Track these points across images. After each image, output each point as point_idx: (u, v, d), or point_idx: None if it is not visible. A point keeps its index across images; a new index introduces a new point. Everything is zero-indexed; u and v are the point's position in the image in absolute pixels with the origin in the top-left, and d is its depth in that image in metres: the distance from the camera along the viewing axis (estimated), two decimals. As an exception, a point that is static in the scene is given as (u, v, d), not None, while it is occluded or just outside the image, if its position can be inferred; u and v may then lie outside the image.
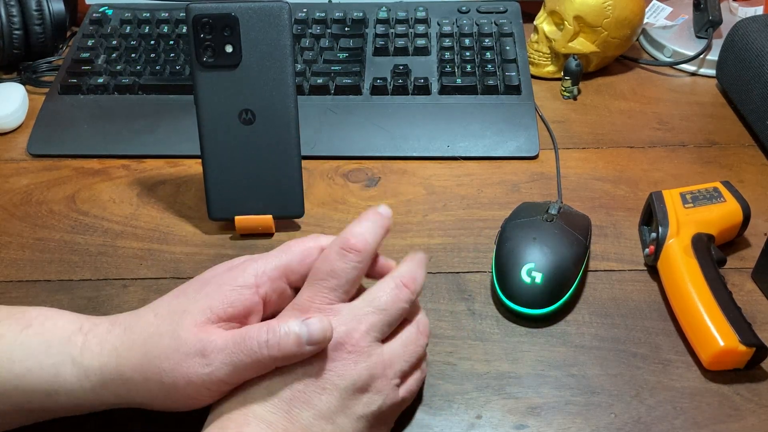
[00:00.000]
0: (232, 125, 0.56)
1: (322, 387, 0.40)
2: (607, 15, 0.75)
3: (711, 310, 0.49)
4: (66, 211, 0.64)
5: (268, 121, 0.56)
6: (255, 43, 0.54)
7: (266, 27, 0.54)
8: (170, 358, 0.40)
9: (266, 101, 0.55)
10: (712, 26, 0.81)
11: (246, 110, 0.56)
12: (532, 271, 0.53)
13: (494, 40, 0.78)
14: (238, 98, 0.55)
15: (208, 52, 0.54)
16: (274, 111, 0.56)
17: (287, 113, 0.56)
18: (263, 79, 0.55)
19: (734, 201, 0.57)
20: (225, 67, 0.54)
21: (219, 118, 0.56)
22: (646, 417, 0.47)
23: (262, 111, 0.56)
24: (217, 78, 0.55)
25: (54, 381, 0.41)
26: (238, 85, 0.55)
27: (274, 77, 0.55)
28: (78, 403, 0.42)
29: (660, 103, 0.77)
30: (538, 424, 0.47)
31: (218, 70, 0.54)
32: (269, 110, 0.56)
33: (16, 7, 0.79)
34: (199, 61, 0.54)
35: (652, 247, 0.56)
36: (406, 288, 0.44)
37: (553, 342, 0.52)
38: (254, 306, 0.42)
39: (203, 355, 0.39)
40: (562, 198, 0.64)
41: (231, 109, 0.56)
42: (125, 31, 0.80)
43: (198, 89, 0.55)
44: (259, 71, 0.55)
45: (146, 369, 0.40)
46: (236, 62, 0.54)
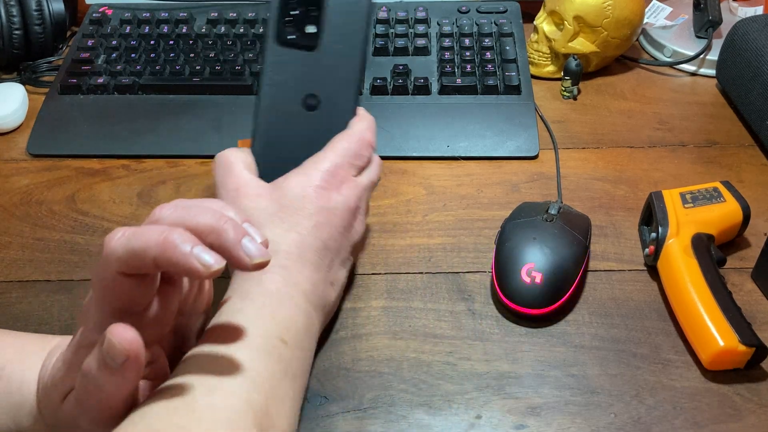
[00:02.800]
0: (293, 108, 0.52)
1: (347, 239, 0.50)
2: (607, 15, 0.75)
3: (711, 310, 0.49)
4: (66, 211, 0.64)
5: (328, 110, 0.52)
6: (335, 28, 0.51)
7: (347, 15, 0.52)
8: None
9: (332, 90, 0.52)
10: (712, 26, 0.81)
11: (311, 95, 0.52)
12: (532, 271, 0.53)
13: (494, 40, 0.78)
14: (307, 82, 0.52)
15: (289, 29, 0.51)
16: (336, 102, 0.52)
17: (348, 106, 0.53)
18: (335, 66, 0.52)
19: (734, 201, 0.57)
20: (302, 47, 0.51)
21: (282, 99, 0.52)
22: (646, 417, 0.47)
23: (327, 99, 0.52)
24: (291, 57, 0.51)
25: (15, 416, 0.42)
26: (310, 68, 0.52)
27: (345, 67, 0.52)
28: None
29: (660, 103, 0.77)
30: (538, 424, 0.47)
31: (294, 49, 0.51)
32: (333, 100, 0.52)
33: (16, 7, 0.79)
34: (280, 37, 0.51)
35: (652, 247, 0.56)
36: (379, 161, 0.54)
37: (553, 342, 0.52)
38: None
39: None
40: (562, 198, 0.64)
41: (297, 91, 0.52)
42: (125, 31, 0.80)
43: (267, 66, 0.51)
44: (333, 58, 0.52)
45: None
46: (314, 44, 0.51)
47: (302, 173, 0.49)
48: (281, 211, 0.48)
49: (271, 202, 0.48)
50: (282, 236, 0.47)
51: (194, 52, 0.77)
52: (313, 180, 0.49)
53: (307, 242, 0.47)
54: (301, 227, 0.47)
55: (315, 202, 0.48)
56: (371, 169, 0.53)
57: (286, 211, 0.48)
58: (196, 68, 0.74)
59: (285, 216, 0.48)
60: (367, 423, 0.47)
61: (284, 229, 0.47)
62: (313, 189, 0.48)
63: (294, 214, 0.48)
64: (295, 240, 0.47)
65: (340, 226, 0.49)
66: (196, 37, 0.79)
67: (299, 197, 0.48)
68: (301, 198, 0.48)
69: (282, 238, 0.47)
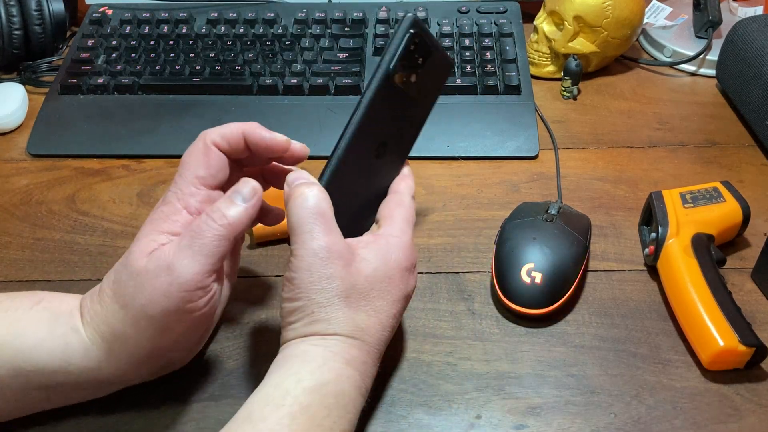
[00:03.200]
0: (367, 150, 0.48)
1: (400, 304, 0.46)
2: (607, 15, 0.75)
3: (711, 310, 0.49)
4: (66, 211, 0.64)
5: (389, 161, 0.50)
6: (426, 84, 0.49)
7: (436, 74, 0.50)
8: (141, 290, 0.41)
9: (397, 144, 0.50)
10: (712, 26, 0.81)
11: (384, 143, 0.48)
12: (531, 271, 0.53)
13: (494, 40, 0.78)
14: (390, 126, 0.49)
15: (404, 68, 0.47)
16: (397, 153, 0.50)
17: (402, 159, 0.51)
18: (412, 117, 0.50)
19: (734, 201, 0.57)
20: (404, 93, 0.48)
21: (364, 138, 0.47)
22: (646, 417, 0.47)
23: (390, 151, 0.49)
24: (391, 98, 0.48)
25: (64, 350, 0.43)
26: (398, 114, 0.49)
27: (414, 123, 0.50)
28: (90, 375, 0.44)
29: (660, 103, 0.77)
30: (538, 424, 0.47)
31: (397, 91, 0.48)
32: (395, 151, 0.50)
33: (16, 7, 0.79)
34: (390, 71, 0.46)
35: (651, 247, 0.56)
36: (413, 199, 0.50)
37: (553, 342, 0.52)
38: (184, 217, 0.45)
39: (166, 268, 0.41)
40: (562, 198, 0.64)
41: (378, 135, 0.48)
42: (125, 31, 0.80)
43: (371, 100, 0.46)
44: (415, 114, 0.50)
45: (130, 314, 0.42)
46: (413, 94, 0.48)
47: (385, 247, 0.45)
48: (369, 291, 0.44)
49: (360, 277, 0.44)
50: (366, 321, 0.44)
51: (194, 52, 0.77)
52: (398, 259, 0.45)
53: (386, 335, 0.45)
54: (383, 315, 0.44)
55: (398, 286, 0.45)
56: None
57: (372, 293, 0.44)
58: (196, 68, 0.74)
59: (371, 298, 0.44)
60: (367, 423, 0.47)
61: (368, 313, 0.44)
62: (398, 270, 0.45)
63: (378, 298, 0.44)
64: (377, 331, 0.44)
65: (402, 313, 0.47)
66: (196, 37, 0.79)
67: (384, 279, 0.45)
68: (386, 281, 0.45)
69: (367, 324, 0.44)
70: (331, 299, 0.43)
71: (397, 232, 0.46)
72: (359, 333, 0.43)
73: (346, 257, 0.43)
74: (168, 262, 0.41)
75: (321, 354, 0.42)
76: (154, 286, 0.41)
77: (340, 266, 0.43)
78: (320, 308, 0.42)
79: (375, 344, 0.44)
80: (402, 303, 0.46)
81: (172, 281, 0.41)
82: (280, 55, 0.76)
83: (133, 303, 0.42)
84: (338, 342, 0.42)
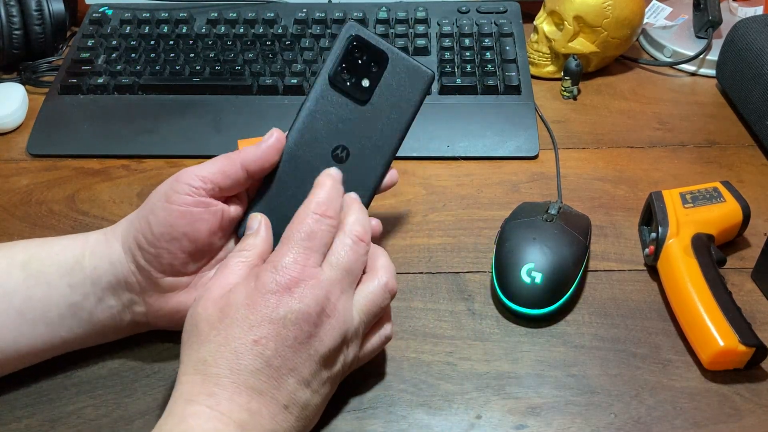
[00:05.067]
0: (321, 154, 0.50)
1: (308, 353, 0.42)
2: (607, 15, 0.75)
3: (711, 310, 0.49)
4: (66, 211, 0.64)
5: (354, 171, 0.50)
6: (388, 91, 0.50)
7: (405, 84, 0.50)
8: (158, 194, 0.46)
9: (366, 153, 0.50)
10: (712, 26, 0.81)
11: (344, 148, 0.50)
12: (531, 271, 0.53)
13: (494, 40, 0.78)
14: (344, 133, 0.50)
15: (345, 74, 0.49)
16: (365, 165, 0.50)
17: (375, 175, 0.50)
18: (376, 130, 0.50)
19: (734, 201, 0.57)
20: (350, 97, 0.50)
21: (313, 141, 0.50)
22: (646, 417, 0.47)
23: (356, 159, 0.50)
24: (336, 103, 0.50)
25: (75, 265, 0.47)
26: (350, 119, 0.50)
27: (385, 135, 0.50)
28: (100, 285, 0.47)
29: (660, 103, 0.77)
30: (538, 424, 0.47)
31: (342, 96, 0.50)
32: (362, 163, 0.50)
33: (16, 7, 0.79)
34: (333, 78, 0.49)
35: (651, 247, 0.56)
36: (362, 242, 0.46)
37: (553, 342, 0.52)
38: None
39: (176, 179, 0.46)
40: (562, 198, 0.64)
41: (331, 139, 0.50)
42: (125, 31, 0.80)
43: (311, 102, 0.50)
44: (377, 121, 0.50)
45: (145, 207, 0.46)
46: (364, 99, 0.50)
47: (252, 275, 0.43)
48: (221, 321, 0.41)
49: (216, 309, 0.42)
50: (214, 353, 0.41)
51: (194, 52, 0.77)
52: (261, 283, 0.42)
53: (243, 363, 0.40)
54: (237, 343, 0.40)
55: (259, 311, 0.41)
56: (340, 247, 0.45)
57: (224, 322, 0.41)
58: (196, 68, 0.74)
59: (222, 328, 0.41)
60: (367, 423, 0.47)
61: (218, 343, 0.41)
62: (260, 295, 0.41)
63: (232, 325, 0.41)
64: (228, 360, 0.40)
65: (291, 338, 0.41)
66: (196, 37, 0.79)
67: (243, 305, 0.41)
68: (245, 306, 0.41)
69: (213, 356, 0.40)
70: (186, 337, 0.43)
71: (275, 255, 0.43)
72: (202, 367, 0.40)
73: (208, 293, 0.43)
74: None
75: (169, 405, 0.40)
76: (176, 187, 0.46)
77: (198, 305, 0.43)
78: (181, 349, 0.43)
79: (225, 374, 0.40)
80: (266, 327, 0.41)
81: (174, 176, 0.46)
82: (280, 55, 0.76)
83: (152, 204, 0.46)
84: (182, 384, 0.41)
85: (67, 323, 0.47)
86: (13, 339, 0.46)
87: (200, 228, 0.46)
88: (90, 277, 0.47)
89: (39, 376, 0.50)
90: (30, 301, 0.46)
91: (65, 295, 0.47)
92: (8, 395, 0.49)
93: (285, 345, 0.41)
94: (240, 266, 0.44)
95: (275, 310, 0.41)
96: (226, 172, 0.46)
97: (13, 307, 0.46)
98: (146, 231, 0.45)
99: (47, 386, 0.49)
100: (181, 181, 0.46)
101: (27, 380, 0.49)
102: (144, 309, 0.48)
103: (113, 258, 0.47)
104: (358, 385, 0.49)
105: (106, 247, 0.47)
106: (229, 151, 0.48)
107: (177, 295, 0.47)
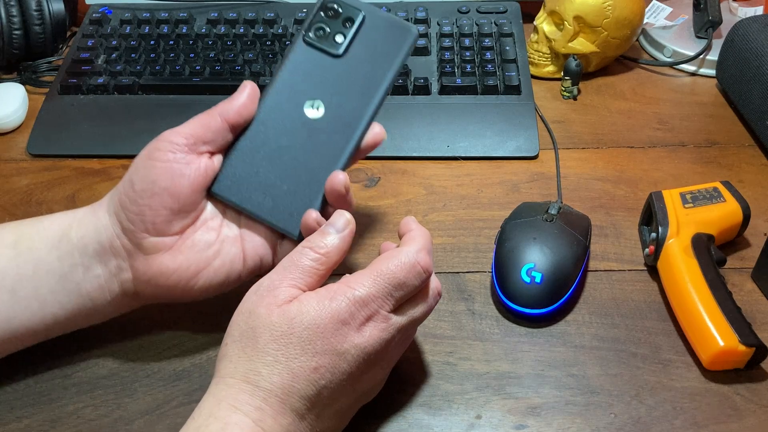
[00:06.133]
0: (294, 110, 0.50)
1: (353, 388, 0.42)
2: (607, 15, 0.75)
3: (711, 310, 0.49)
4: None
5: (331, 125, 0.50)
6: (366, 48, 0.50)
7: (385, 41, 0.50)
8: (147, 151, 0.47)
9: (342, 107, 0.50)
10: (712, 26, 0.81)
11: (319, 101, 0.50)
12: (532, 271, 0.53)
13: (494, 40, 0.78)
14: (319, 87, 0.50)
15: (318, 31, 0.50)
16: (342, 120, 0.50)
17: (354, 130, 0.50)
18: (353, 84, 0.50)
19: (734, 201, 0.57)
20: (324, 52, 0.50)
21: (288, 96, 0.50)
22: (646, 417, 0.47)
23: (332, 113, 0.50)
24: (310, 59, 0.50)
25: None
26: (325, 75, 0.50)
27: (363, 90, 0.50)
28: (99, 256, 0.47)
29: (660, 103, 0.77)
30: (538, 424, 0.47)
31: (316, 52, 0.50)
32: (339, 117, 0.50)
33: (16, 7, 0.79)
34: (305, 35, 0.50)
35: (652, 247, 0.56)
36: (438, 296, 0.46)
37: (553, 342, 0.52)
38: None
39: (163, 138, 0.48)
40: (562, 198, 0.64)
41: (305, 93, 0.50)
42: (125, 31, 0.80)
43: (286, 60, 0.50)
44: (354, 76, 0.50)
45: (129, 170, 0.48)
46: (337, 53, 0.50)
47: (328, 296, 0.41)
48: (284, 336, 0.40)
49: (281, 319, 0.41)
50: (270, 368, 0.40)
51: (194, 52, 0.77)
52: (336, 309, 0.41)
53: (297, 387, 0.40)
54: (296, 365, 0.40)
55: (326, 339, 0.40)
56: (420, 302, 0.44)
57: (288, 338, 0.40)
58: (196, 68, 0.74)
59: (284, 343, 0.40)
60: (368, 423, 0.47)
61: (277, 359, 0.40)
62: (331, 321, 0.40)
63: (296, 345, 0.40)
64: (283, 379, 0.40)
65: (346, 373, 0.41)
66: (196, 37, 0.79)
67: (311, 326, 0.40)
68: (313, 328, 0.40)
69: (269, 371, 0.40)
70: (240, 335, 0.41)
71: (358, 283, 0.42)
72: (254, 377, 0.40)
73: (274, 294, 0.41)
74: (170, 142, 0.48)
75: (209, 404, 0.40)
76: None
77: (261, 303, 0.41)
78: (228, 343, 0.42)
79: (276, 392, 0.40)
80: (329, 358, 0.40)
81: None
82: (280, 55, 0.76)
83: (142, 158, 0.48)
84: (230, 387, 0.40)
85: (58, 298, 0.47)
86: (7, 318, 0.46)
87: (182, 183, 0.46)
88: (77, 246, 0.47)
89: (39, 376, 0.50)
90: (21, 279, 0.46)
91: (54, 269, 0.47)
92: (8, 395, 0.49)
93: (340, 379, 0.41)
94: (312, 270, 0.43)
95: (342, 343, 0.40)
96: (206, 125, 0.47)
97: (4, 286, 0.46)
98: (128, 190, 0.46)
99: (47, 386, 0.49)
100: (163, 140, 0.47)
101: (27, 380, 0.49)
102: (130, 275, 0.47)
103: (99, 225, 0.47)
104: (358, 385, 0.49)
105: (93, 216, 0.48)
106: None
107: (161, 257, 0.46)
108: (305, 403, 0.40)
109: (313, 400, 0.40)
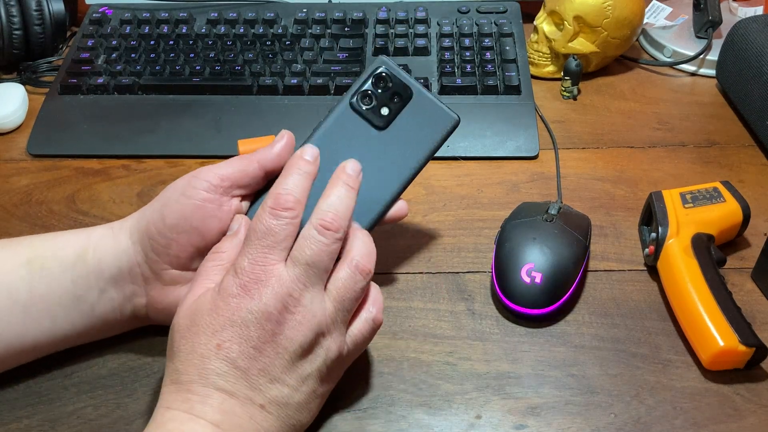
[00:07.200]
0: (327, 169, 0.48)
1: (276, 352, 0.42)
2: (607, 15, 0.75)
3: (711, 310, 0.49)
4: (66, 211, 0.64)
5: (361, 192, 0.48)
6: (407, 126, 0.51)
7: (427, 123, 0.51)
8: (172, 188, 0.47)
9: (373, 178, 0.50)
10: (712, 26, 0.81)
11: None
12: (531, 271, 0.53)
13: (494, 40, 0.78)
14: (354, 153, 0.49)
15: (365, 99, 0.50)
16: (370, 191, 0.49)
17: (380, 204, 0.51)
18: (387, 159, 0.51)
19: (734, 201, 0.57)
20: (367, 120, 0.50)
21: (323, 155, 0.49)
22: (646, 417, 0.47)
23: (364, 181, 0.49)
24: (353, 124, 0.50)
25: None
26: (363, 143, 0.50)
27: (396, 166, 0.51)
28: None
29: (660, 103, 0.77)
30: (538, 424, 0.47)
31: (359, 118, 0.50)
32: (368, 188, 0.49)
33: (16, 7, 0.79)
34: (353, 100, 0.50)
35: (652, 247, 0.56)
36: (327, 230, 0.43)
37: (553, 342, 0.52)
38: None
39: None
40: (562, 198, 0.64)
41: (340, 155, 0.49)
42: (125, 31, 0.80)
43: (329, 120, 0.50)
44: (390, 150, 0.51)
45: (159, 200, 0.47)
46: (379, 125, 0.50)
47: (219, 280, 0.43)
48: (188, 330, 0.42)
49: (185, 318, 0.43)
50: (184, 363, 0.41)
51: (194, 52, 0.77)
52: (224, 287, 0.42)
53: (210, 368, 0.41)
54: (203, 349, 0.41)
55: (222, 315, 0.41)
56: (306, 245, 0.43)
57: (194, 330, 0.42)
58: (196, 68, 0.74)
59: (189, 336, 0.42)
60: (367, 423, 0.47)
61: (187, 352, 0.41)
62: (221, 299, 0.42)
63: (198, 333, 0.41)
64: (196, 366, 0.41)
65: (254, 338, 0.41)
66: (196, 37, 0.79)
67: (209, 312, 0.42)
68: (209, 312, 0.42)
69: (184, 366, 0.41)
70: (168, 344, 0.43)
71: (237, 257, 0.43)
72: (176, 376, 0.41)
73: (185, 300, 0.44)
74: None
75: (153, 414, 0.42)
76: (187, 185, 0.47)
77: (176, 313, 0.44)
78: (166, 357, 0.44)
79: (194, 380, 0.41)
80: (229, 330, 0.41)
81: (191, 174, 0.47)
82: (280, 55, 0.76)
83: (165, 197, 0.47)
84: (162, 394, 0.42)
85: (71, 317, 0.47)
86: (18, 334, 0.46)
87: (211, 225, 0.46)
88: (93, 270, 0.47)
89: (39, 376, 0.50)
90: (34, 297, 0.46)
91: (69, 290, 0.47)
92: (8, 395, 0.49)
93: (249, 346, 0.41)
94: (215, 270, 0.44)
95: (236, 312, 0.41)
96: (245, 170, 0.47)
97: (18, 303, 0.46)
98: (158, 221, 0.46)
99: (47, 386, 0.49)
100: (200, 177, 0.46)
101: (27, 380, 0.49)
102: (145, 301, 0.48)
103: (119, 249, 0.47)
104: (358, 385, 0.49)
105: (112, 239, 0.48)
106: (229, 151, 0.49)
107: (178, 290, 0.48)
108: (227, 379, 0.41)
109: (234, 374, 0.41)
